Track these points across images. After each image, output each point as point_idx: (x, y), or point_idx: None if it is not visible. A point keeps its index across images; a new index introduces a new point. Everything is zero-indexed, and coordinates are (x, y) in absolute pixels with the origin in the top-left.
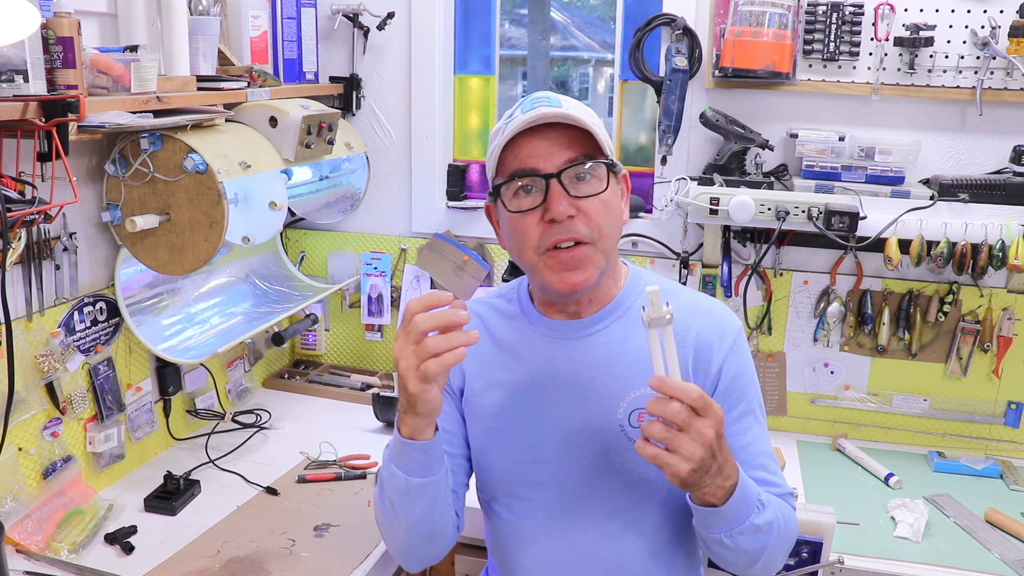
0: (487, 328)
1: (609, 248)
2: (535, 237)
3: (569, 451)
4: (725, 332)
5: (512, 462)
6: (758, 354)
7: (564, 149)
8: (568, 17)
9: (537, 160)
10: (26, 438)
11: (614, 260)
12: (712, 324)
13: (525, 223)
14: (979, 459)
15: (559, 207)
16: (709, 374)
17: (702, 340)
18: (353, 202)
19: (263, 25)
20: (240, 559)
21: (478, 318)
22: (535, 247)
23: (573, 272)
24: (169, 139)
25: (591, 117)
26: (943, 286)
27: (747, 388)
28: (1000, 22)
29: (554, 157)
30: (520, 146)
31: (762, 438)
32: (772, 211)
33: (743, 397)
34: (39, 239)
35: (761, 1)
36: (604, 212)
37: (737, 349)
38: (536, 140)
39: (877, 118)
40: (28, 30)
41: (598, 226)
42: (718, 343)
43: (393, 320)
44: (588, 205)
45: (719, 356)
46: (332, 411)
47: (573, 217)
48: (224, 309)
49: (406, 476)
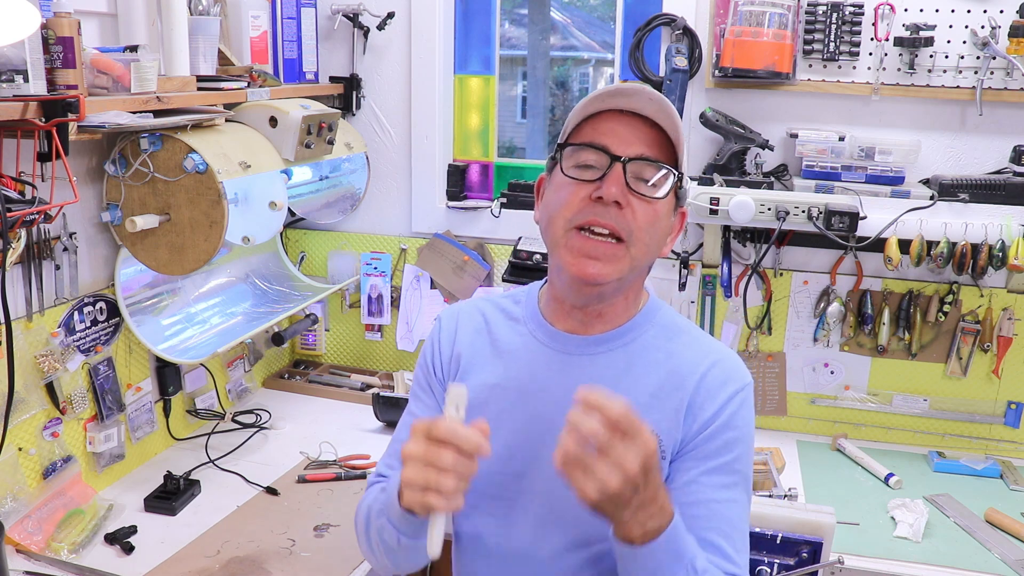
0: (488, 328)
1: (638, 258)
2: (574, 207)
3: (540, 469)
4: (731, 380)
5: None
6: (758, 354)
7: (643, 144)
8: (568, 17)
9: (614, 139)
10: (26, 438)
11: (637, 285)
12: (723, 371)
13: (572, 191)
14: (979, 459)
15: (611, 188)
16: (699, 418)
17: (704, 386)
18: (353, 202)
19: (263, 25)
20: (240, 559)
21: (481, 316)
22: (569, 218)
23: (591, 261)
24: (169, 139)
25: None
26: (943, 286)
27: (735, 444)
28: (1000, 22)
29: (631, 145)
30: (603, 121)
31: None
32: (772, 211)
33: (727, 451)
34: (39, 239)
35: (761, 1)
36: (651, 221)
37: (737, 401)
38: (621, 123)
39: (877, 118)
40: (28, 30)
41: (639, 229)
42: (720, 390)
43: (393, 320)
44: (639, 205)
45: (716, 402)
46: (332, 411)
47: (621, 207)
48: (224, 309)
49: (399, 535)
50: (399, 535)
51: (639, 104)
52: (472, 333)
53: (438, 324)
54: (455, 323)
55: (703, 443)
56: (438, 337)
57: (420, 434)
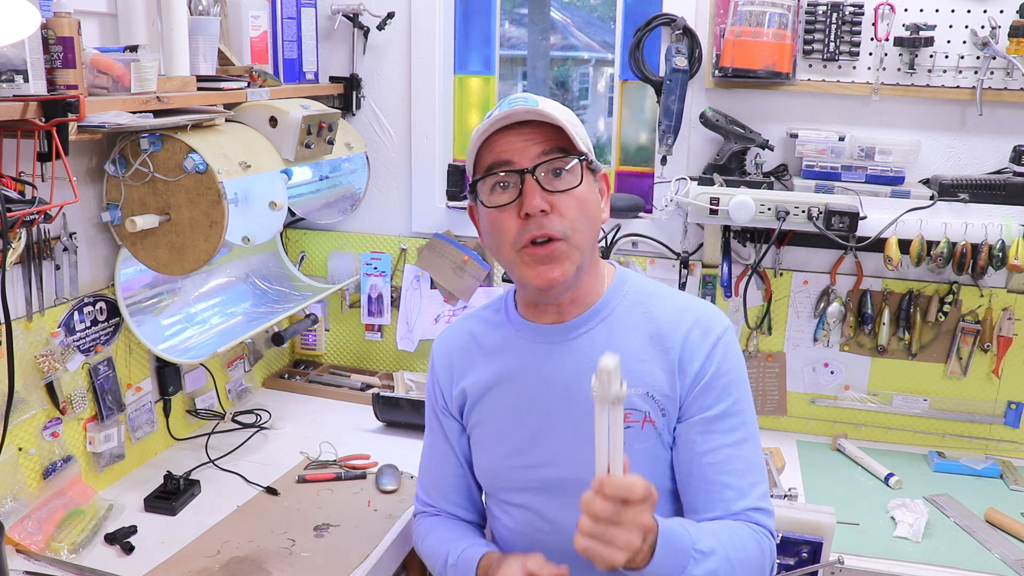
0: (477, 342)
1: (584, 244)
2: (512, 233)
3: (558, 455)
4: (711, 329)
5: (502, 468)
6: (758, 354)
7: (538, 144)
8: (568, 17)
9: (512, 154)
10: (26, 438)
11: (594, 259)
12: (700, 324)
13: (502, 219)
14: (979, 459)
15: (533, 201)
16: (690, 373)
17: (688, 342)
18: (353, 202)
19: (263, 25)
20: (240, 559)
21: (468, 335)
22: (512, 243)
23: (548, 267)
24: (169, 139)
25: (567, 115)
26: (943, 286)
27: (731, 387)
28: (1000, 22)
29: (528, 151)
30: (496, 142)
31: (747, 444)
32: (772, 211)
33: (725, 396)
34: (39, 239)
35: (761, 1)
36: (578, 208)
37: (722, 347)
38: (511, 136)
39: (877, 118)
40: (28, 30)
41: (572, 223)
42: (702, 342)
43: (393, 320)
44: (562, 201)
45: (701, 354)
46: (332, 411)
47: (547, 212)
48: (224, 309)
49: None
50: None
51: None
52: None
53: (432, 363)
54: (449, 358)
55: (700, 396)
56: (435, 378)
57: None
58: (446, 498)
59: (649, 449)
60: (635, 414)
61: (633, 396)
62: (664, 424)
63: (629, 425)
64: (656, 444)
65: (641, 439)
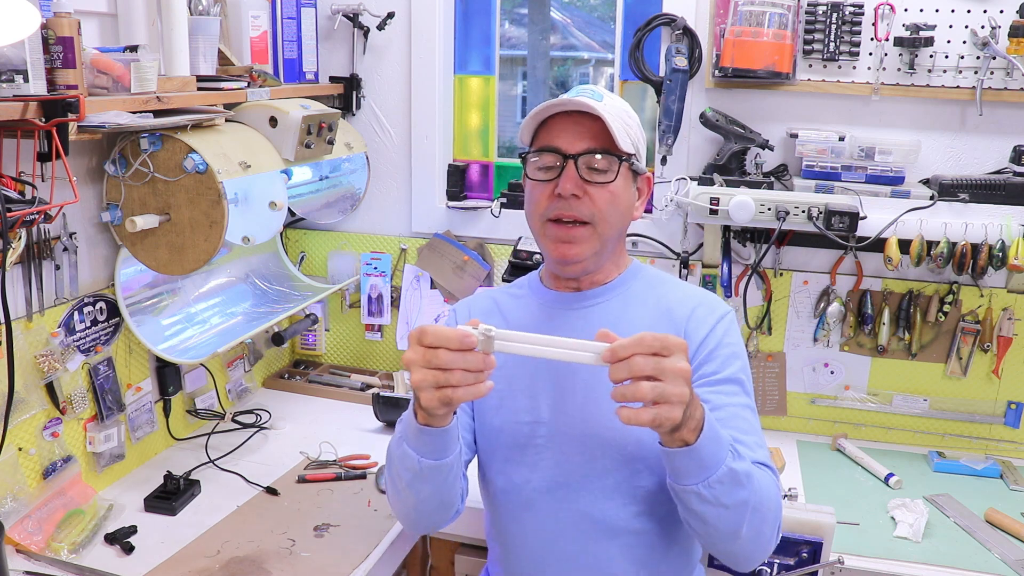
0: (499, 307)
1: (608, 234)
2: (542, 205)
3: (568, 412)
4: (714, 311)
5: (512, 423)
6: (758, 354)
7: (589, 139)
8: (568, 17)
9: (563, 141)
10: (26, 438)
11: (618, 250)
12: (705, 305)
13: (539, 191)
14: (979, 459)
15: (567, 184)
16: (695, 341)
17: (695, 315)
18: (353, 202)
19: (263, 25)
20: (240, 559)
21: (491, 300)
22: (540, 214)
23: (567, 245)
24: (169, 139)
25: (619, 115)
26: (943, 286)
27: (733, 359)
28: (1000, 22)
29: (578, 142)
30: (554, 125)
31: (748, 411)
32: (772, 211)
33: (729, 363)
34: (39, 239)
35: (761, 1)
36: (610, 201)
37: (725, 324)
38: (569, 124)
39: (877, 118)
40: (28, 30)
41: (600, 211)
42: (707, 316)
43: (393, 320)
44: (596, 191)
45: (706, 326)
46: (332, 411)
47: (579, 198)
48: (224, 309)
49: (419, 458)
50: (420, 459)
51: (569, 100)
52: (485, 316)
53: (453, 314)
54: (468, 310)
55: (706, 362)
56: (455, 321)
57: (413, 340)
58: None
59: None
60: None
61: None
62: None
63: None
64: None
65: None
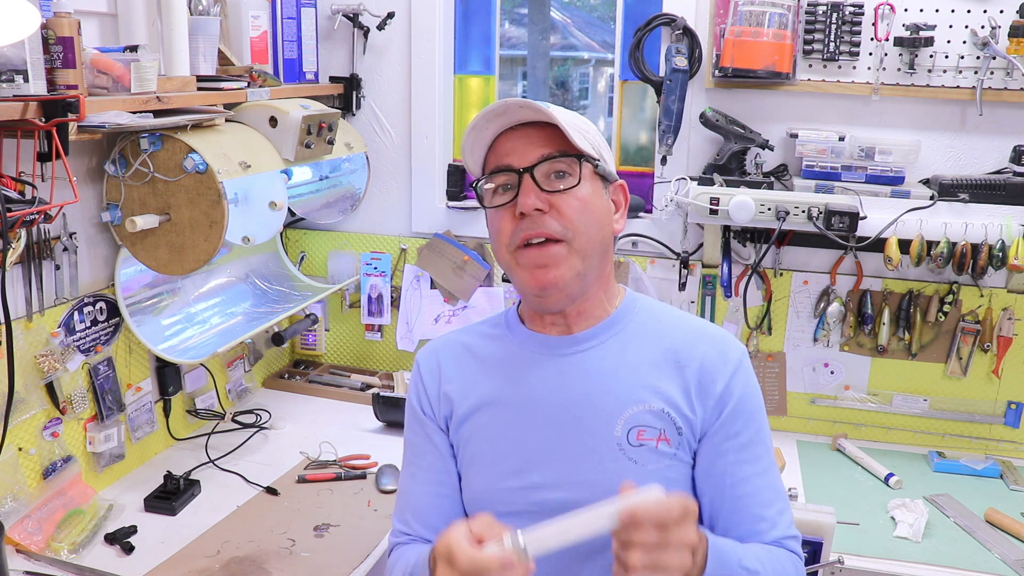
0: (471, 352)
1: (587, 249)
2: (507, 234)
3: (563, 475)
4: (728, 353)
5: (498, 490)
6: (758, 354)
7: (540, 145)
8: (568, 17)
9: (513, 157)
10: (26, 438)
11: (605, 272)
12: (716, 347)
13: (500, 219)
14: (979, 459)
15: (527, 200)
16: (712, 395)
17: (706, 362)
18: (353, 202)
19: (263, 25)
20: (240, 559)
21: (460, 345)
22: (507, 244)
23: (543, 269)
24: (169, 139)
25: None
26: (943, 286)
27: (756, 414)
28: (1000, 22)
29: (529, 153)
30: (500, 145)
31: (771, 472)
32: (772, 211)
33: (752, 421)
34: (39, 239)
35: (761, 1)
36: (580, 210)
37: (742, 371)
38: (516, 139)
39: (877, 118)
40: (28, 30)
41: (571, 223)
42: (721, 365)
43: (393, 320)
44: (561, 201)
45: (723, 378)
46: (332, 411)
47: (544, 212)
48: (224, 309)
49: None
50: None
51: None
52: (455, 364)
53: (416, 367)
54: (435, 360)
55: (728, 422)
56: (420, 379)
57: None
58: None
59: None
60: (649, 431)
61: (647, 413)
62: (679, 442)
63: (643, 443)
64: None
65: (655, 459)
